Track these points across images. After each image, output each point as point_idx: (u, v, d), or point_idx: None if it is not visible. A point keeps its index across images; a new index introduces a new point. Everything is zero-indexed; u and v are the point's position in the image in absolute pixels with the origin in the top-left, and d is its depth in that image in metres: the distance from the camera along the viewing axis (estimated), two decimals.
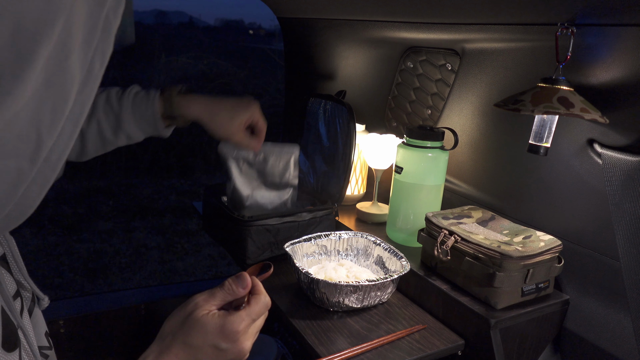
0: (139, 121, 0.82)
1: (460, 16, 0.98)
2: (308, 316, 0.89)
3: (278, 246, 1.07)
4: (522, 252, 0.81)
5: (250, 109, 0.90)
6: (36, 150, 0.35)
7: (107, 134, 0.82)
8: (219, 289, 0.54)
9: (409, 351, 0.81)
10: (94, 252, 3.27)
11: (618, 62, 0.76)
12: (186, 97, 0.85)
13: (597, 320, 0.85)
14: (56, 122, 0.36)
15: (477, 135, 1.07)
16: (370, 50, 1.39)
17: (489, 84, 1.02)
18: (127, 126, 0.82)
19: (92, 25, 0.35)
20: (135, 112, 0.82)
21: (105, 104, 0.81)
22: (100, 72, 0.38)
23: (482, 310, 0.82)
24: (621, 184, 0.76)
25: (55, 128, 0.36)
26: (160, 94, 0.84)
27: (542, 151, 0.82)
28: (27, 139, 0.34)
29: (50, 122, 0.35)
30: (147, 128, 0.84)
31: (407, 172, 1.05)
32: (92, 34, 0.35)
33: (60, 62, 0.33)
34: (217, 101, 0.87)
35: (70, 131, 0.38)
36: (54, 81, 0.34)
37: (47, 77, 0.33)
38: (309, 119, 1.29)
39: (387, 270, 0.99)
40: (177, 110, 0.84)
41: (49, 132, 0.35)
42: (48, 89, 0.33)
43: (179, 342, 0.50)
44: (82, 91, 0.37)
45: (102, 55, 0.37)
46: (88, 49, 0.36)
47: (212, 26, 19.62)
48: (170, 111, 0.84)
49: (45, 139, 0.35)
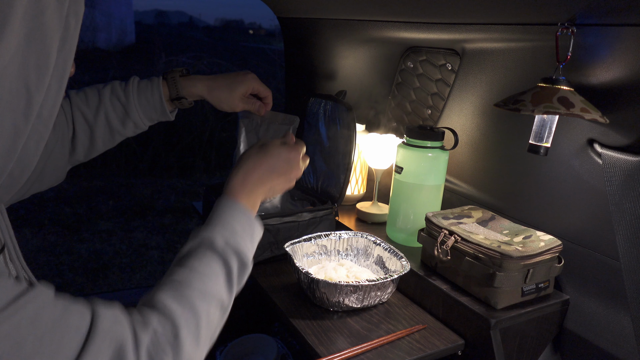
0: (146, 108, 0.87)
1: (460, 16, 0.98)
2: (308, 316, 0.89)
3: (278, 246, 1.07)
4: (522, 252, 0.81)
5: (246, 81, 0.94)
6: (27, 105, 0.39)
7: (115, 124, 0.85)
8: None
9: (409, 351, 0.81)
10: (94, 252, 3.27)
11: (618, 62, 0.75)
12: (189, 78, 0.90)
13: (597, 320, 0.85)
14: (42, 78, 0.40)
15: (477, 135, 1.07)
16: (370, 50, 1.39)
17: (489, 84, 1.02)
18: (134, 114, 0.85)
19: None
20: (141, 100, 0.86)
21: (111, 95, 0.84)
22: (76, 31, 0.42)
23: (482, 310, 0.82)
24: (621, 184, 0.76)
25: (42, 83, 0.40)
26: (163, 79, 0.89)
27: (542, 151, 0.82)
28: (17, 94, 0.38)
29: (36, 78, 0.39)
30: (154, 114, 0.88)
31: (407, 172, 1.05)
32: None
33: (36, 17, 0.38)
34: (215, 78, 0.93)
35: (57, 88, 0.42)
36: (34, 36, 0.38)
37: (27, 32, 0.37)
38: (309, 119, 1.29)
39: (387, 270, 0.99)
40: (182, 91, 0.89)
41: (37, 88, 0.40)
42: (29, 44, 0.38)
43: (259, 162, 0.70)
44: (62, 48, 0.41)
45: (76, 15, 0.42)
46: (62, 8, 0.40)
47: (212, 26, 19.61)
48: (175, 93, 0.89)
49: (34, 94, 0.40)
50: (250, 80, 0.95)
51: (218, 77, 0.93)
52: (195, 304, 0.55)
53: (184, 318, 0.53)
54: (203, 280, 0.57)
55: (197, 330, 0.54)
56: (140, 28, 12.69)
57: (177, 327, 0.52)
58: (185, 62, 6.89)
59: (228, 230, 0.62)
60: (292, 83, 1.70)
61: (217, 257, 0.60)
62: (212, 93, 0.91)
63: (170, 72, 0.89)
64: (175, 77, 0.88)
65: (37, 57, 0.39)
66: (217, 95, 0.92)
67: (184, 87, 0.89)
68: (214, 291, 0.58)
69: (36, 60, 0.39)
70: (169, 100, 0.89)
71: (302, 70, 1.62)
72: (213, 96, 0.92)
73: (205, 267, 0.58)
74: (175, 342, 0.51)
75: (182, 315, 0.53)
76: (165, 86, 0.88)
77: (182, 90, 0.89)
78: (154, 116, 0.88)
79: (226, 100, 0.92)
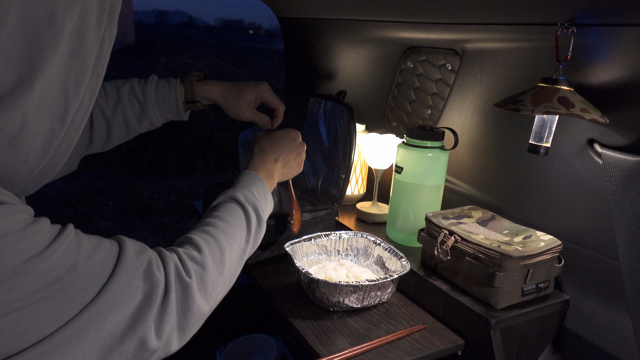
0: (162, 108, 0.90)
1: (460, 16, 0.98)
2: (308, 316, 0.89)
3: (278, 246, 1.07)
4: (522, 252, 0.81)
5: (257, 89, 0.95)
6: (64, 112, 0.46)
7: (132, 121, 0.89)
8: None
9: (409, 351, 0.81)
10: None
11: (618, 62, 0.75)
12: (205, 82, 0.93)
13: (597, 320, 0.85)
14: (79, 89, 0.47)
15: (477, 135, 1.07)
16: (370, 50, 1.39)
17: (489, 84, 1.02)
18: (150, 113, 0.89)
19: (101, 10, 0.47)
20: (158, 100, 0.90)
21: (130, 93, 0.88)
22: (109, 50, 0.50)
23: (482, 310, 0.82)
24: (621, 184, 0.76)
25: (78, 94, 0.47)
26: (181, 81, 0.92)
27: (542, 151, 0.82)
28: (57, 102, 0.45)
29: (74, 89, 0.46)
30: (168, 114, 0.92)
31: (407, 172, 1.05)
32: (101, 18, 0.47)
33: (79, 38, 0.45)
34: (229, 84, 0.95)
35: (89, 98, 0.49)
36: (76, 54, 0.45)
37: (71, 50, 0.44)
38: (309, 119, 1.28)
39: (387, 270, 0.99)
40: (197, 95, 0.92)
41: (74, 97, 0.47)
42: (72, 60, 0.45)
43: (269, 144, 0.85)
44: (96, 65, 0.49)
45: (110, 36, 0.49)
46: (99, 30, 0.47)
47: (212, 26, 19.60)
48: (191, 96, 0.92)
49: (71, 103, 0.46)
50: (260, 90, 0.95)
51: (232, 83, 0.95)
52: (220, 238, 0.64)
53: (209, 248, 0.62)
54: (227, 222, 0.67)
55: (222, 260, 0.63)
56: (140, 28, 12.68)
57: (202, 252, 0.61)
58: (185, 62, 6.89)
59: (247, 190, 0.74)
60: (292, 83, 1.70)
61: (239, 208, 0.71)
62: (223, 98, 0.94)
63: (189, 75, 0.92)
64: (192, 81, 0.91)
65: (76, 71, 0.46)
66: (226, 101, 0.94)
67: (199, 91, 0.92)
68: (236, 233, 0.67)
69: (75, 74, 0.46)
70: (184, 102, 0.92)
71: (302, 70, 1.62)
72: (223, 101, 0.94)
73: (227, 215, 0.69)
74: (201, 262, 0.59)
75: (207, 245, 0.62)
76: (182, 88, 0.91)
77: (198, 94, 0.92)
78: (169, 116, 0.92)
79: (233, 106, 0.94)
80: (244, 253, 0.69)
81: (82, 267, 0.44)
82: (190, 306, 0.55)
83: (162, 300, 0.51)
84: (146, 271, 0.51)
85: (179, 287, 0.54)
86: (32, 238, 0.41)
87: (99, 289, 0.45)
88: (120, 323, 0.47)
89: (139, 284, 0.49)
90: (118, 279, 0.47)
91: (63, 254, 0.43)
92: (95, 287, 0.45)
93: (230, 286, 0.66)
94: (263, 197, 0.77)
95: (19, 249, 0.39)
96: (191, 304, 0.55)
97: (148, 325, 0.49)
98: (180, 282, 0.55)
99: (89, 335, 0.44)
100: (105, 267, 0.47)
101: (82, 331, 0.43)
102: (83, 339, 0.44)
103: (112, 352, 0.46)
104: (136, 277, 0.49)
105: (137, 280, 0.49)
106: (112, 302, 0.46)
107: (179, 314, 0.54)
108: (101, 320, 0.45)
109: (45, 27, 0.41)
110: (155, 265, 0.53)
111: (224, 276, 0.63)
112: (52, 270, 0.41)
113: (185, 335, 0.55)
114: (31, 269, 0.39)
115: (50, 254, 0.41)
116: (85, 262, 0.45)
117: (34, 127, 0.44)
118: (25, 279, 0.39)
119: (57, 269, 0.42)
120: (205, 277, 0.59)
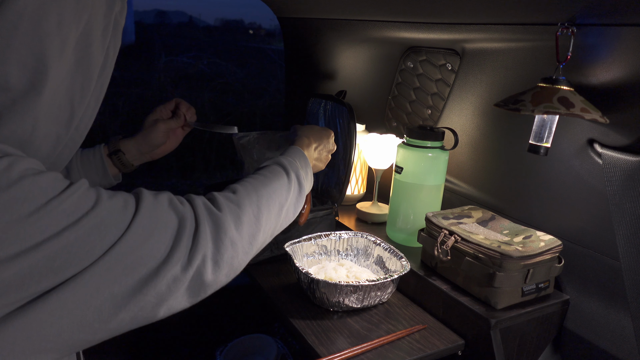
0: (88, 171, 0.86)
1: (460, 16, 0.98)
2: (308, 316, 0.89)
3: (278, 246, 1.07)
4: (522, 252, 0.81)
5: (152, 116, 0.91)
6: (70, 119, 0.49)
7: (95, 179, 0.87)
8: None
9: (409, 351, 0.81)
10: None
11: (618, 62, 0.75)
12: (125, 139, 0.89)
13: (597, 320, 0.84)
14: (84, 97, 0.49)
15: (477, 135, 1.07)
16: (370, 50, 1.39)
17: (489, 84, 1.02)
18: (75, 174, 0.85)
19: (106, 23, 0.49)
20: (84, 162, 0.86)
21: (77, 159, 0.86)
22: (113, 60, 0.52)
23: (482, 310, 0.82)
24: (621, 184, 0.76)
25: (83, 102, 0.50)
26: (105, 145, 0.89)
27: (542, 151, 0.82)
28: (64, 109, 0.48)
29: (80, 96, 0.49)
30: (95, 176, 0.87)
31: (407, 172, 1.05)
32: (107, 30, 0.49)
33: (85, 48, 0.47)
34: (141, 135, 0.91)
35: (94, 105, 0.52)
36: (81, 63, 0.48)
37: (77, 59, 0.47)
38: (309, 119, 1.28)
39: (387, 270, 0.99)
40: (118, 145, 0.88)
41: (79, 105, 0.49)
42: (78, 69, 0.47)
43: (311, 133, 0.88)
44: (101, 74, 0.51)
45: (114, 47, 0.52)
46: (104, 41, 0.50)
47: (212, 26, 19.58)
48: (113, 147, 0.88)
49: (76, 110, 0.49)
50: (154, 113, 0.91)
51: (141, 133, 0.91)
52: (258, 187, 0.64)
53: (245, 190, 0.62)
54: (267, 177, 0.67)
55: (258, 205, 0.62)
56: (140, 28, 12.67)
57: (237, 193, 0.61)
58: (185, 62, 6.89)
59: (292, 159, 0.76)
60: (292, 83, 1.70)
61: (281, 170, 0.71)
62: (136, 139, 0.89)
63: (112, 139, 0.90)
64: (116, 139, 0.89)
65: (82, 79, 0.48)
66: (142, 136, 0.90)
67: (122, 145, 0.88)
68: (276, 186, 0.67)
69: (81, 82, 0.48)
70: (108, 155, 0.88)
71: (302, 70, 1.62)
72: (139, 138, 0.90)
73: (269, 172, 0.69)
74: (235, 201, 0.59)
75: (244, 189, 0.62)
76: (105, 148, 0.88)
77: (119, 146, 0.88)
78: (96, 178, 0.88)
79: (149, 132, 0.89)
80: (282, 208, 0.67)
81: (106, 204, 0.45)
82: (223, 239, 0.54)
83: (194, 232, 0.52)
84: (170, 205, 0.52)
85: (209, 220, 0.54)
86: (51, 181, 0.42)
87: (127, 224, 0.46)
88: (153, 257, 0.47)
89: (166, 217, 0.50)
90: (143, 213, 0.48)
91: (84, 194, 0.44)
92: (123, 222, 0.46)
93: (269, 239, 0.65)
94: (304, 169, 0.78)
95: (39, 188, 0.41)
96: (224, 237, 0.54)
97: (180, 257, 0.49)
98: (210, 215, 0.54)
99: (123, 268, 0.45)
100: (129, 205, 0.48)
101: (116, 264, 0.44)
102: (117, 272, 0.45)
103: (147, 285, 0.47)
104: (160, 211, 0.50)
105: (163, 214, 0.50)
106: (142, 234, 0.47)
107: (213, 246, 0.53)
108: (133, 254, 0.46)
109: (54, 35, 0.43)
110: (176, 200, 0.53)
111: (261, 223, 0.61)
112: (77, 207, 0.43)
113: (220, 271, 0.54)
114: (55, 207, 0.41)
115: (70, 194, 0.43)
116: (107, 200, 0.46)
117: (43, 132, 0.46)
118: (53, 217, 0.41)
119: (81, 207, 0.43)
120: (241, 215, 0.58)
